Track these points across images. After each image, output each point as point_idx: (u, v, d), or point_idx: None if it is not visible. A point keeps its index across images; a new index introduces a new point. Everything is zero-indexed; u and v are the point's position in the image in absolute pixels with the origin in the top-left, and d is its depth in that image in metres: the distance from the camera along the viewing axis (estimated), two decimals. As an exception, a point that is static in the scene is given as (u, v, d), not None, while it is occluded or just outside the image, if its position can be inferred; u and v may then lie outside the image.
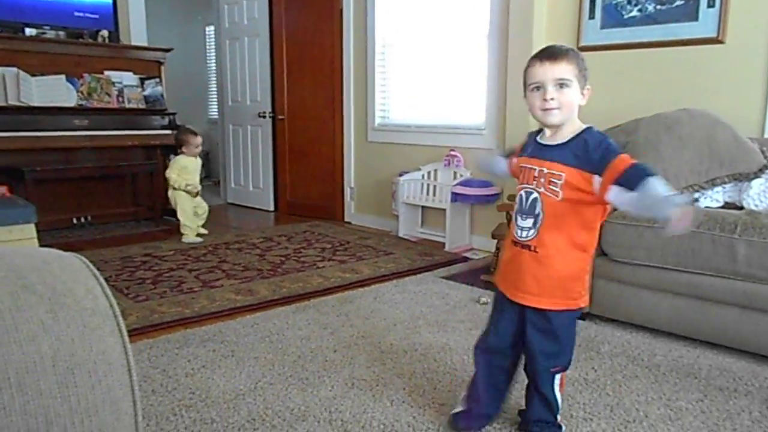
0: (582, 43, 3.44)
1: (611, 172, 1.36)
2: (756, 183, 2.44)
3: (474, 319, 2.61)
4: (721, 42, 2.97)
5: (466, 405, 1.71)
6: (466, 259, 3.73)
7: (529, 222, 1.51)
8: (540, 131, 1.56)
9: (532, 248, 1.51)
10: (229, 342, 2.34)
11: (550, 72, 1.44)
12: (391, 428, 1.72)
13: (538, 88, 1.46)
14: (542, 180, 1.49)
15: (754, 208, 2.39)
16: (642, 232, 2.34)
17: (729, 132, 2.58)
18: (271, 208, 5.54)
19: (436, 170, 4.18)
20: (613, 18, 3.32)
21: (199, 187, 4.35)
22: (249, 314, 2.67)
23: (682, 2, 3.07)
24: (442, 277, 3.28)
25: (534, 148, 1.55)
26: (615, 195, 1.36)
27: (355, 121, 4.86)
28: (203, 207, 4.39)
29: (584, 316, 2.59)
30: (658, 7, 3.15)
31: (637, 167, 1.35)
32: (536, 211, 1.49)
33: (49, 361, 0.74)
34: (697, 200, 2.55)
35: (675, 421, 1.76)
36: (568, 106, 1.46)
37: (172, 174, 4.16)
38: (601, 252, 2.51)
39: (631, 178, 1.32)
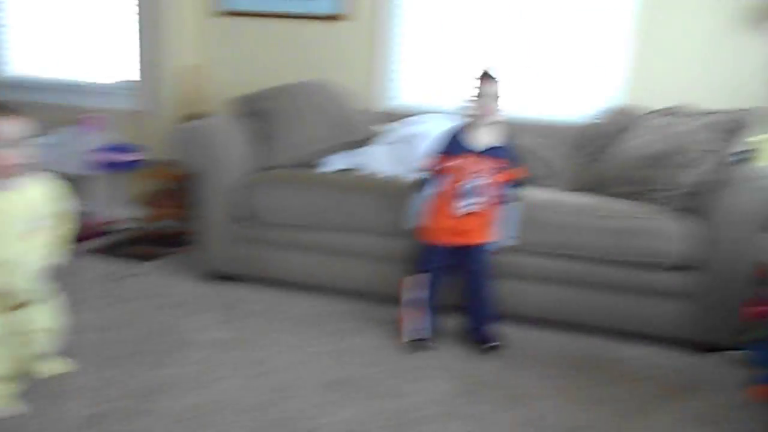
0: (219, 8, 3.47)
1: None
2: (367, 149, 2.85)
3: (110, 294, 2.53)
4: (347, 19, 3.31)
5: None
6: (108, 232, 3.46)
7: None
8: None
9: None
10: None
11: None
12: None
13: None
14: None
15: (366, 171, 2.79)
16: (287, 195, 2.53)
17: (345, 103, 2.94)
18: None
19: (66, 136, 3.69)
20: (252, -15, 3.40)
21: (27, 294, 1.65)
22: None
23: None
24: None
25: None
26: None
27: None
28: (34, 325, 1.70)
29: (233, 278, 2.69)
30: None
31: None
32: None
33: None
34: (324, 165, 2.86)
35: (307, 364, 2.03)
36: None
37: None
38: (250, 215, 2.62)
39: None
